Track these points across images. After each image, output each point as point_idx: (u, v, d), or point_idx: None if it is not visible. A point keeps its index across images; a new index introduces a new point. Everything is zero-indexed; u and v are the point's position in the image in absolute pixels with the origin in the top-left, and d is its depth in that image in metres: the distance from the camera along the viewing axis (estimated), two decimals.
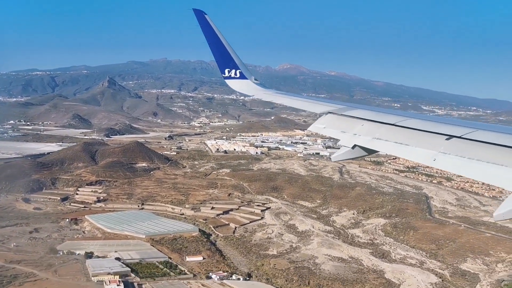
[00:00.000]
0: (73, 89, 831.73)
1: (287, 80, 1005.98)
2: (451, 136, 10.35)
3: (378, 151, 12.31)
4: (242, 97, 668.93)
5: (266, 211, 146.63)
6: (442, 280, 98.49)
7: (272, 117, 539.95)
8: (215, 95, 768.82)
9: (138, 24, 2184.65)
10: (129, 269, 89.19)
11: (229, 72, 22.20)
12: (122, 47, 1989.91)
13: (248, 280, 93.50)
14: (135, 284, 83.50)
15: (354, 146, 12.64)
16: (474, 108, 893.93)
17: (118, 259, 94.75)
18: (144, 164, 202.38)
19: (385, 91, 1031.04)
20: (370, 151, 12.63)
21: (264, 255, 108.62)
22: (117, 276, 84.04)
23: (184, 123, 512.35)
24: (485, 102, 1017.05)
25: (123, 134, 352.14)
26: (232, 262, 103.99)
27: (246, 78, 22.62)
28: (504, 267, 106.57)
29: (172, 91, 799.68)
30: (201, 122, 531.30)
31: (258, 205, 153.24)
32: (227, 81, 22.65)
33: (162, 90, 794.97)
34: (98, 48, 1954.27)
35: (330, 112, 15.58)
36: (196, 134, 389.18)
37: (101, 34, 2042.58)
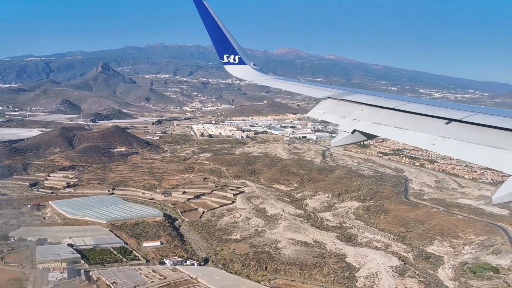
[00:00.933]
0: (68, 74, 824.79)
1: (284, 64, 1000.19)
2: (450, 120, 10.22)
3: (378, 136, 12.14)
4: (237, 82, 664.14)
5: (239, 195, 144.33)
6: (404, 263, 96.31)
7: (265, 101, 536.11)
8: (210, 80, 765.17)
9: (135, 8, 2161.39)
10: (79, 255, 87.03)
11: (228, 58, 22.06)
12: (119, 32, 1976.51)
13: (203, 265, 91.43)
14: (82, 271, 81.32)
15: (354, 131, 12.53)
16: (472, 91, 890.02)
17: (70, 245, 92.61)
18: (122, 149, 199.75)
19: (383, 74, 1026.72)
20: (370, 136, 12.50)
21: (226, 240, 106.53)
22: (64, 263, 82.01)
23: (176, 108, 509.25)
24: (484, 85, 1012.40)
25: (111, 119, 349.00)
26: (192, 247, 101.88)
27: (245, 64, 22.47)
28: (471, 249, 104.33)
29: (167, 76, 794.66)
30: (193, 107, 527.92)
31: (231, 189, 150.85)
32: (226, 67, 22.45)
33: (157, 75, 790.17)
34: (95, 34, 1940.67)
35: (330, 97, 15.36)
36: (186, 119, 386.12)
37: (98, 19, 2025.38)
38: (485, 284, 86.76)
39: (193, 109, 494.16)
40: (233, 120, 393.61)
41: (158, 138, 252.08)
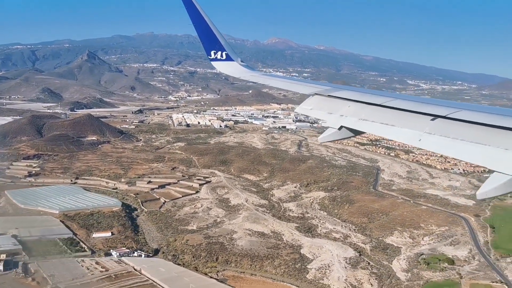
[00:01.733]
0: (54, 63, 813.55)
1: (274, 55, 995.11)
2: (436, 116, 10.39)
3: (365, 132, 12.25)
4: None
5: (205, 185, 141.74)
6: (360, 255, 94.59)
7: (250, 91, 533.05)
8: (198, 69, 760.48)
9: None
10: (21, 247, 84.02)
11: (215, 54, 22.02)
12: (108, 21, 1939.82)
13: (152, 256, 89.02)
14: (20, 263, 78.48)
15: (341, 127, 12.58)
16: (460, 82, 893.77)
17: (15, 236, 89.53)
18: (93, 138, 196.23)
19: (373, 65, 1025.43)
20: (356, 132, 12.61)
21: (181, 231, 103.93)
22: (4, 255, 79.15)
23: (161, 97, 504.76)
24: (473, 77, 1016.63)
25: (91, 108, 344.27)
26: (144, 238, 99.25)
27: (232, 60, 22.43)
28: (430, 240, 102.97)
29: (154, 65, 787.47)
30: (178, 96, 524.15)
31: (199, 179, 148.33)
32: (213, 63, 22.50)
33: (144, 65, 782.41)
34: (83, 22, 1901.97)
35: (317, 94, 15.43)
36: (168, 108, 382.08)
37: (86, 7, 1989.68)
38: (437, 276, 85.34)
39: (178, 99, 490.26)
40: (216, 109, 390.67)
41: (134, 127, 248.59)
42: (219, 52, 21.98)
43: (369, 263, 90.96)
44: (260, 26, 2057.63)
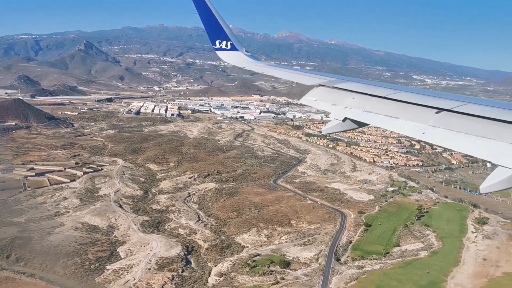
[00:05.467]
0: (56, 53, 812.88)
1: (281, 48, 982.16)
2: (441, 110, 10.13)
3: (369, 124, 11.89)
4: (224, 64, 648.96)
5: (89, 174, 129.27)
6: (186, 254, 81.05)
7: (236, 82, 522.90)
8: (197, 61, 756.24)
9: None
10: None
11: (220, 43, 21.62)
12: (118, 12, 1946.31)
13: None
14: None
15: (345, 119, 12.30)
16: (468, 78, 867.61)
17: None
18: (12, 123, 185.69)
19: (383, 60, 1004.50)
20: (360, 124, 12.27)
21: (3, 223, 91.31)
22: None
23: (147, 87, 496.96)
24: (488, 73, 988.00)
25: (57, 95, 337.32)
26: None
27: (237, 50, 21.94)
28: (287, 239, 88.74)
29: (154, 56, 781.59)
30: (166, 87, 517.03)
31: (90, 167, 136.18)
32: (218, 52, 22.12)
33: (143, 55, 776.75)
34: (94, 14, 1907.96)
35: (321, 85, 14.93)
36: (142, 98, 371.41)
37: None
38: (254, 281, 71.20)
39: (161, 89, 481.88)
40: (190, 99, 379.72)
41: (76, 114, 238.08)
42: (224, 42, 21.54)
43: (187, 263, 77.37)
44: (272, 19, 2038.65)
